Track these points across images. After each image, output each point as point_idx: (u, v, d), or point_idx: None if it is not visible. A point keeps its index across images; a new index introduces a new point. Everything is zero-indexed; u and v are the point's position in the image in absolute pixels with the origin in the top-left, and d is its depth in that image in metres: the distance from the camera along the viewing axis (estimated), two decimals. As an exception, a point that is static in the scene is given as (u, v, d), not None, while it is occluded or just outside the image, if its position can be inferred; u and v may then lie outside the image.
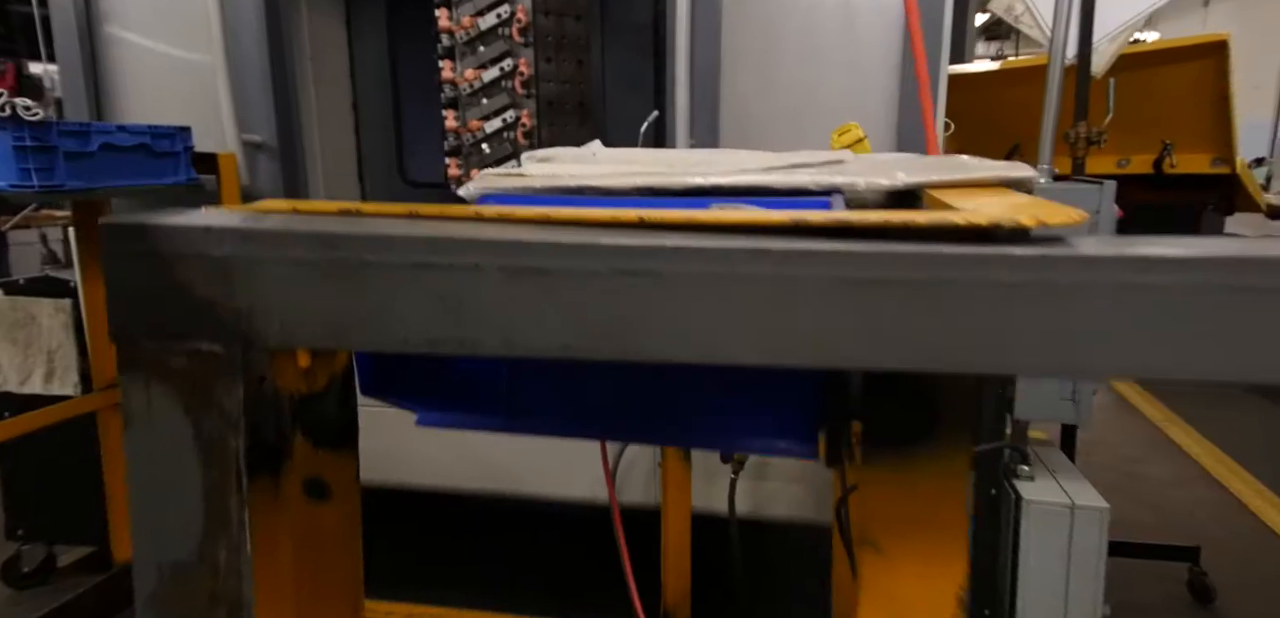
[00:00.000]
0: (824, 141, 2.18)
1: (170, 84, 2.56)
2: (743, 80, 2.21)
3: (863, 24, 2.12)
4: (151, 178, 2.17)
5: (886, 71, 2.11)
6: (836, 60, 2.16)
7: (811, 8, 2.15)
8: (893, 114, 2.13)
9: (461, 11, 2.62)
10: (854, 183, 0.70)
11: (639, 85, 3.44)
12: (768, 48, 2.20)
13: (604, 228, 0.48)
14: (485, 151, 2.73)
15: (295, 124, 2.63)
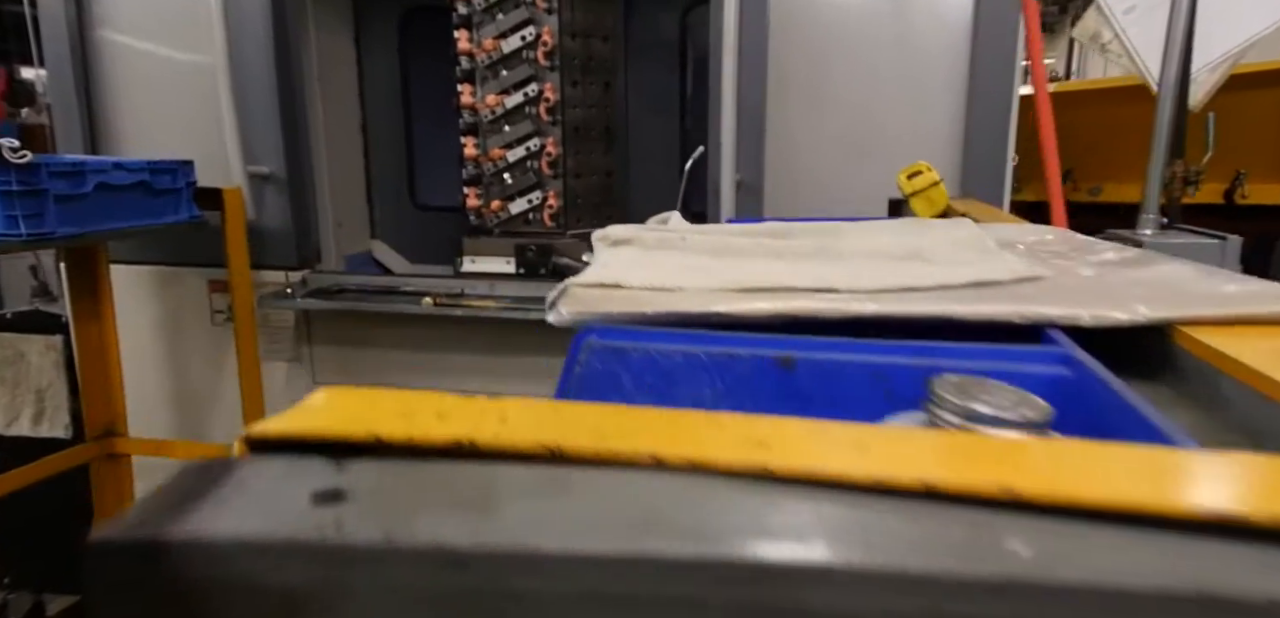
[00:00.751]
0: (880, 174, 2.03)
1: (168, 90, 2.39)
2: (790, 108, 2.06)
3: (922, 46, 1.96)
4: (151, 217, 2.00)
5: (949, 98, 1.96)
6: (893, 86, 2.00)
7: (866, 29, 2.00)
8: (956, 145, 1.97)
9: (483, 34, 2.46)
10: (1075, 315, 0.54)
11: (663, 105, 3.28)
12: (817, 73, 2.04)
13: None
14: (507, 182, 2.57)
15: (305, 154, 2.47)
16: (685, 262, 0.80)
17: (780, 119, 2.06)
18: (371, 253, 3.45)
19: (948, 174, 1.89)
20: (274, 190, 2.38)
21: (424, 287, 2.38)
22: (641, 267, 0.76)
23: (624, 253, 0.86)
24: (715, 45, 2.04)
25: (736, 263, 0.78)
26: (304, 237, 2.45)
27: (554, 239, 2.56)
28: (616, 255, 0.85)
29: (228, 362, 2.47)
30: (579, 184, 2.61)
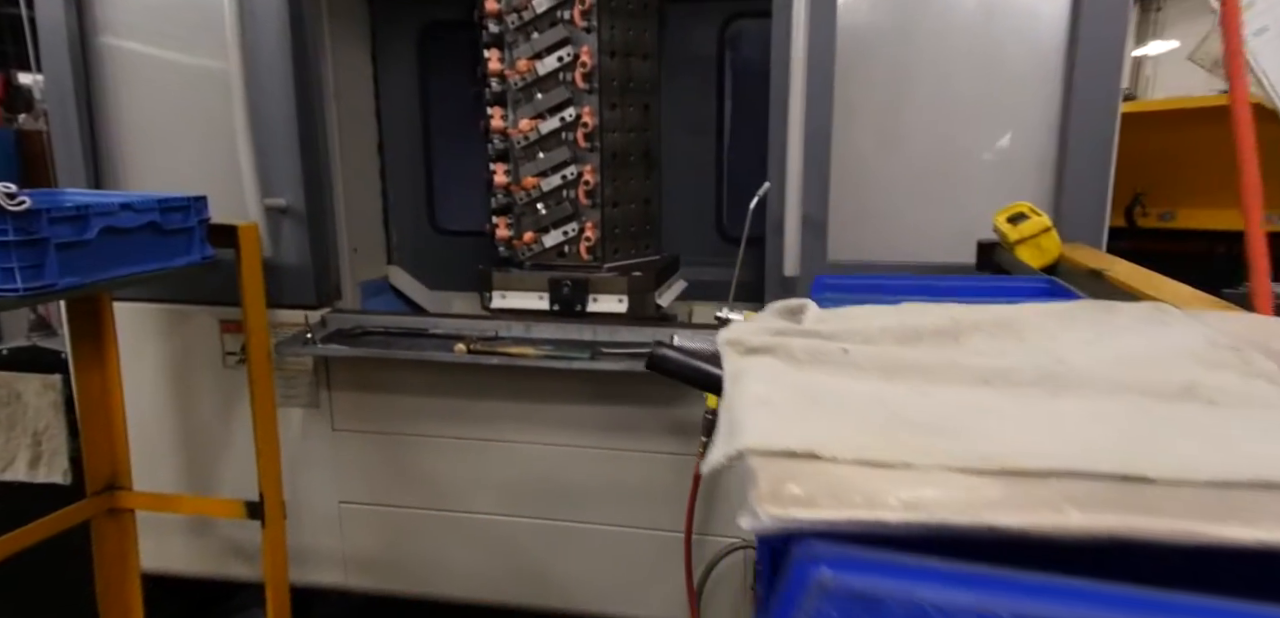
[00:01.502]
0: (958, 208, 1.85)
1: (174, 98, 2.21)
2: (859, 135, 1.88)
3: (1009, 66, 1.78)
4: (160, 261, 1.82)
5: (1039, 124, 1.77)
6: (972, 111, 1.82)
7: (945, 47, 1.82)
8: (1045, 174, 1.79)
9: (517, 54, 2.28)
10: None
11: (699, 126, 3.11)
12: (891, 97, 1.86)
13: None
14: (540, 212, 2.39)
15: (326, 185, 2.29)
16: (866, 392, 0.62)
17: (846, 147, 1.88)
18: (388, 279, 3.28)
19: (1036, 206, 1.71)
20: (291, 223, 2.20)
21: (454, 329, 2.20)
22: (817, 409, 0.58)
23: (766, 369, 0.68)
24: (778, 66, 1.87)
25: (940, 396, 0.60)
26: (323, 273, 2.27)
27: (590, 273, 2.38)
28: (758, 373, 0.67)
29: (240, 408, 2.29)
30: (616, 213, 2.43)
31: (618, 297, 2.35)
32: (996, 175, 1.82)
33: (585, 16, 2.23)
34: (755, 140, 3.13)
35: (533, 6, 2.24)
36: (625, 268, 2.43)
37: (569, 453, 2.18)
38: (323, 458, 2.33)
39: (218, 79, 2.08)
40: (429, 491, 2.30)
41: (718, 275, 3.22)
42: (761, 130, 3.13)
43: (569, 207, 2.36)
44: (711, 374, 0.91)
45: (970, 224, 1.83)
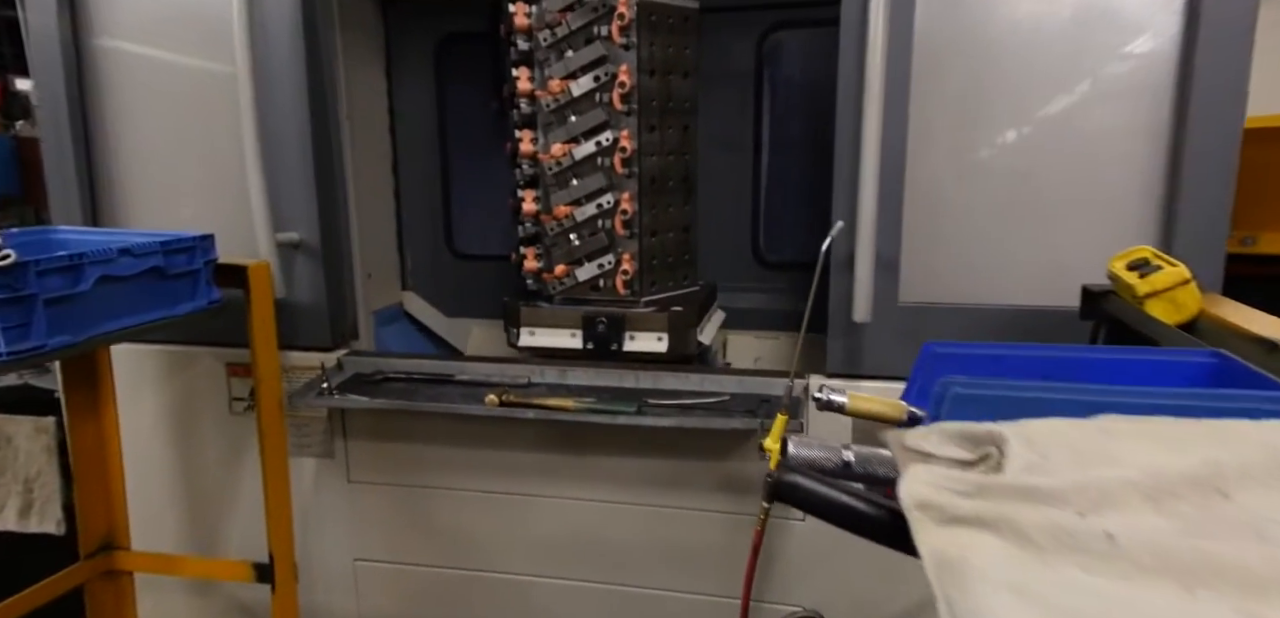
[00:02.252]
0: (1050, 243, 1.65)
1: (177, 107, 2.03)
2: (934, 160, 1.69)
3: (1111, 82, 1.58)
4: (163, 308, 1.64)
5: (1145, 149, 1.58)
6: (1066, 134, 1.63)
7: (1031, 61, 1.62)
8: (1149, 206, 1.60)
9: (549, 73, 2.10)
10: None
11: (734, 143, 2.92)
12: (969, 117, 1.67)
13: None
14: (573, 242, 2.20)
15: (342, 217, 2.10)
16: (1156, 605, 0.44)
17: (918, 172, 1.70)
18: (403, 306, 3.10)
19: (1139, 242, 1.52)
20: (305, 259, 2.02)
21: (482, 374, 2.01)
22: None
23: (1000, 562, 0.50)
24: (847, 84, 1.68)
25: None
26: (339, 312, 2.09)
27: (627, 309, 2.20)
28: (994, 572, 0.49)
29: (248, 457, 2.11)
30: (654, 243, 2.25)
31: (657, 334, 2.17)
32: (1092, 207, 1.63)
33: (624, 32, 2.05)
34: (795, 159, 2.97)
35: (567, 22, 2.06)
36: (664, 302, 2.25)
37: (609, 510, 2.00)
38: (337, 512, 2.15)
39: (224, 91, 1.89)
40: (453, 548, 2.11)
41: (754, 303, 3.04)
42: (802, 148, 2.96)
43: (604, 237, 2.18)
44: (873, 517, 0.73)
45: (1061, 261, 1.65)
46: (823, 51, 2.89)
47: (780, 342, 2.88)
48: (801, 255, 3.04)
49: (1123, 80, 1.60)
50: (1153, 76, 1.57)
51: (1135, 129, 1.60)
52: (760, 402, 1.77)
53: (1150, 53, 1.56)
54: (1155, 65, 1.56)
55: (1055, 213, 1.67)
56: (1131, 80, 1.59)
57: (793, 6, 2.67)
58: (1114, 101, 1.61)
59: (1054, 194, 1.67)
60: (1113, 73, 1.60)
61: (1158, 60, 1.56)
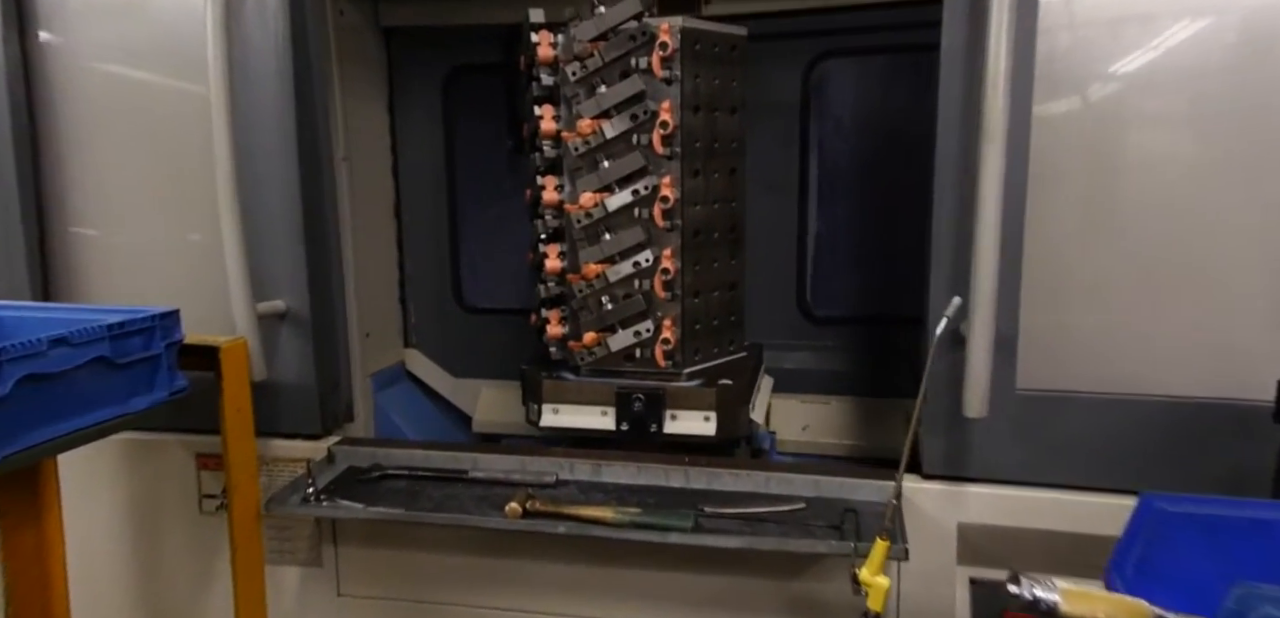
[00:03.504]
0: (1214, 319, 1.30)
1: (142, 147, 1.74)
2: (1057, 215, 1.38)
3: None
4: (111, 406, 1.33)
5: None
6: (1233, 184, 1.31)
7: (1185, 95, 1.30)
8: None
9: (578, 111, 1.81)
10: None
11: (778, 184, 2.62)
12: (1102, 168, 1.35)
13: None
14: (605, 306, 1.90)
15: (335, 279, 1.79)
16: None
17: (1043, 236, 1.38)
18: (404, 365, 2.78)
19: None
20: (291, 331, 1.71)
21: (499, 470, 1.69)
22: None
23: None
24: (950, 128, 1.37)
25: None
26: (331, 393, 1.77)
27: (667, 382, 1.88)
28: None
29: (221, 566, 1.77)
30: (698, 305, 1.94)
31: (703, 413, 1.85)
32: (1265, 275, 1.32)
33: (666, 64, 1.76)
34: (846, 202, 2.58)
35: (600, 54, 1.77)
36: (709, 373, 1.94)
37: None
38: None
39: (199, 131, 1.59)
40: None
41: (801, 363, 2.72)
42: (853, 190, 2.56)
43: (641, 300, 1.87)
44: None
45: (1232, 343, 1.33)
46: (877, 82, 2.60)
47: (831, 408, 2.55)
48: (854, 310, 2.72)
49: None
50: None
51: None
52: (844, 511, 1.45)
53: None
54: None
55: (1225, 283, 1.34)
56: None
57: (843, 33, 2.39)
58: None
59: (1218, 256, 1.34)
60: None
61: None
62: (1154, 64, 1.32)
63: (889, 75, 2.43)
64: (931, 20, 2.29)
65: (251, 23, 1.63)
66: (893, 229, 2.51)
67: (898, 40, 2.34)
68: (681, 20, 1.78)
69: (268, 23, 1.64)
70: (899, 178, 2.49)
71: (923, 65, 2.45)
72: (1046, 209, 1.37)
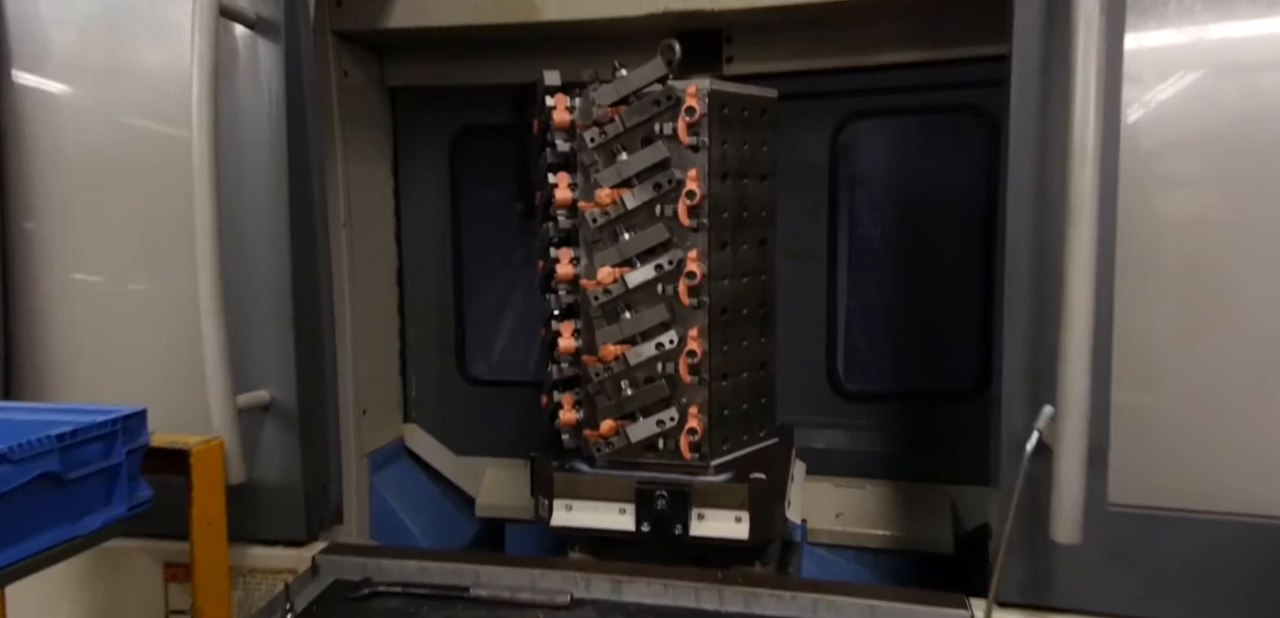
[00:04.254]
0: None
1: (117, 218, 1.58)
2: (1150, 310, 1.20)
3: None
4: (60, 527, 1.15)
5: None
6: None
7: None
8: None
9: (599, 179, 1.66)
10: None
11: (806, 250, 2.46)
12: (1202, 251, 1.19)
13: None
14: (625, 391, 1.72)
15: (328, 365, 1.62)
16: None
17: (1133, 328, 1.21)
18: (404, 441, 2.59)
19: None
20: (276, 425, 1.53)
21: (507, 586, 1.48)
22: None
23: None
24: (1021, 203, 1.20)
25: None
26: (317, 493, 1.58)
27: (694, 477, 1.69)
28: None
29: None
30: (726, 389, 1.76)
31: (733, 513, 1.65)
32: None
33: (693, 130, 1.62)
34: (878, 269, 2.38)
35: (621, 119, 1.63)
36: (739, 465, 1.75)
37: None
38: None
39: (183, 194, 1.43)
40: None
41: (832, 442, 2.51)
42: (886, 257, 2.36)
43: (665, 386, 1.69)
44: None
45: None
46: (910, 143, 2.46)
47: (867, 493, 2.35)
48: (889, 385, 2.50)
49: None
50: None
51: None
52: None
53: None
54: None
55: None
56: None
57: (873, 93, 2.27)
58: None
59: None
60: None
61: None
62: (1264, 124, 1.16)
63: (922, 136, 2.29)
64: (968, 80, 2.19)
65: (243, 86, 1.50)
66: (930, 299, 2.33)
67: (932, 101, 2.21)
68: (709, 83, 1.64)
69: (262, 86, 1.51)
70: (935, 244, 2.33)
71: (959, 126, 2.30)
72: (1137, 297, 1.20)
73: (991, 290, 2.24)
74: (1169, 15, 1.12)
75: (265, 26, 1.49)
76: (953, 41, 1.95)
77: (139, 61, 1.55)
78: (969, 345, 2.27)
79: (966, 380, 2.26)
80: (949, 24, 1.96)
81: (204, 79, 1.35)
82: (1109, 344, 1.20)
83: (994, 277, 2.20)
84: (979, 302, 2.24)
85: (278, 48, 1.49)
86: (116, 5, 1.57)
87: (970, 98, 2.15)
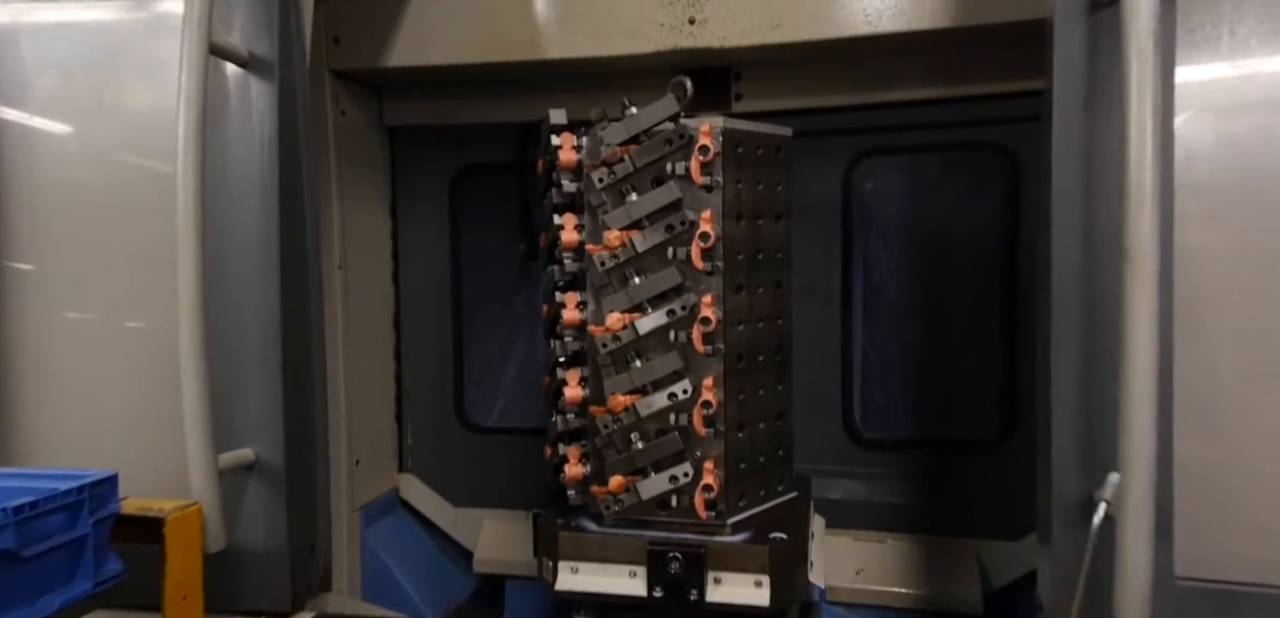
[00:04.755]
0: None
1: (97, 264, 1.49)
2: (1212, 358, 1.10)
3: None
4: (13, 612, 1.03)
5: None
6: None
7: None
8: None
9: (607, 221, 1.58)
10: None
11: (818, 292, 2.34)
12: (1267, 295, 1.10)
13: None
14: (636, 444, 1.61)
15: (318, 420, 1.51)
16: None
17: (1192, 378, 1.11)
18: (398, 492, 2.47)
19: None
20: (260, 485, 1.42)
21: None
22: None
23: None
24: (1069, 248, 1.12)
25: None
26: (304, 558, 1.47)
27: (709, 537, 1.57)
28: None
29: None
30: (743, 441, 1.66)
31: (753, 576, 1.54)
32: None
33: (707, 169, 1.54)
34: (895, 310, 2.26)
35: (630, 159, 1.56)
36: (757, 522, 1.64)
37: None
38: None
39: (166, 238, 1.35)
40: None
41: (849, 493, 2.38)
42: (902, 297, 2.23)
43: (679, 438, 1.58)
44: None
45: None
46: (926, 181, 2.32)
47: (888, 547, 2.22)
48: (908, 432, 2.36)
49: None
50: None
51: None
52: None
53: None
54: None
55: None
56: None
57: (886, 130, 2.21)
58: None
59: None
60: None
61: None
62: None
63: (939, 174, 2.22)
64: (988, 117, 2.13)
65: (234, 126, 1.43)
66: (948, 343, 2.23)
67: (949, 137, 2.15)
68: (723, 121, 1.58)
69: (253, 126, 1.43)
70: (953, 285, 2.24)
71: (978, 164, 2.21)
72: (1197, 345, 1.11)
73: (1014, 335, 2.19)
74: (1222, 48, 1.05)
75: (258, 65, 1.42)
76: (972, 78, 1.90)
77: (124, 100, 1.48)
78: (990, 392, 2.17)
79: (990, 429, 2.16)
80: (967, 60, 1.91)
81: (191, 118, 1.27)
82: (1170, 397, 1.11)
83: (1016, 320, 2.17)
84: (1000, 346, 2.15)
85: (271, 86, 1.42)
86: (104, 45, 1.51)
87: (990, 135, 2.09)
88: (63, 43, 1.51)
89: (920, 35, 1.78)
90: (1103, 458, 1.11)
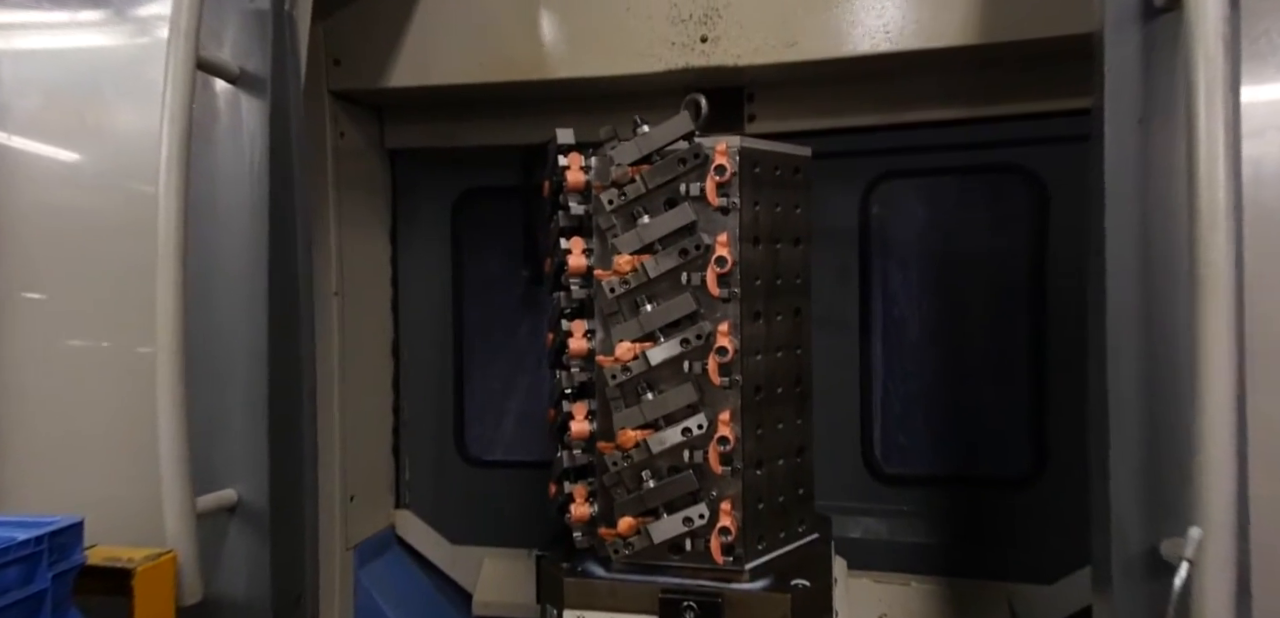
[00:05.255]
0: None
1: (73, 290, 1.39)
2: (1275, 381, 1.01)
3: None
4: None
5: None
6: None
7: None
8: None
9: (618, 244, 1.49)
10: None
11: (835, 321, 2.25)
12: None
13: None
14: (647, 483, 1.51)
15: (307, 457, 1.41)
16: None
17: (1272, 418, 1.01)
18: (395, 529, 2.35)
19: None
20: (243, 528, 1.32)
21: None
22: None
23: None
24: (1125, 284, 1.03)
25: None
26: (289, 610, 1.35)
27: (726, 583, 1.46)
28: None
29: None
30: (761, 479, 1.55)
31: (768, 617, 1.42)
32: None
33: (723, 191, 1.46)
34: (915, 340, 2.16)
35: (642, 180, 1.48)
36: (777, 566, 1.53)
37: None
38: None
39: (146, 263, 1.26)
40: None
41: (870, 531, 2.26)
42: (923, 326, 2.13)
43: (693, 477, 1.48)
44: None
45: None
46: (947, 204, 2.21)
47: (912, 591, 2.09)
48: (932, 467, 2.23)
49: None
50: None
51: None
52: None
53: None
54: None
55: None
56: None
57: (907, 153, 2.13)
58: None
59: None
60: None
61: None
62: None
63: (961, 198, 2.13)
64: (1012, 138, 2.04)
65: (222, 146, 1.35)
66: (973, 374, 2.12)
67: (970, 160, 2.06)
68: (739, 140, 1.50)
69: (243, 147, 1.35)
70: (977, 314, 2.13)
71: (1002, 187, 2.11)
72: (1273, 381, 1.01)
73: (1043, 364, 2.09)
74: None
75: (249, 82, 1.35)
76: (997, 97, 1.82)
77: (106, 120, 1.41)
78: (1019, 425, 2.06)
79: (1019, 465, 2.04)
80: (992, 78, 1.83)
81: (175, 135, 1.19)
82: (1244, 445, 1.00)
83: (1045, 349, 2.07)
84: (1028, 377, 2.05)
85: (263, 104, 1.34)
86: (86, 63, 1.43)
87: (1015, 156, 2.01)
88: (43, 61, 1.44)
89: (943, 53, 1.71)
90: (1166, 499, 1.01)
